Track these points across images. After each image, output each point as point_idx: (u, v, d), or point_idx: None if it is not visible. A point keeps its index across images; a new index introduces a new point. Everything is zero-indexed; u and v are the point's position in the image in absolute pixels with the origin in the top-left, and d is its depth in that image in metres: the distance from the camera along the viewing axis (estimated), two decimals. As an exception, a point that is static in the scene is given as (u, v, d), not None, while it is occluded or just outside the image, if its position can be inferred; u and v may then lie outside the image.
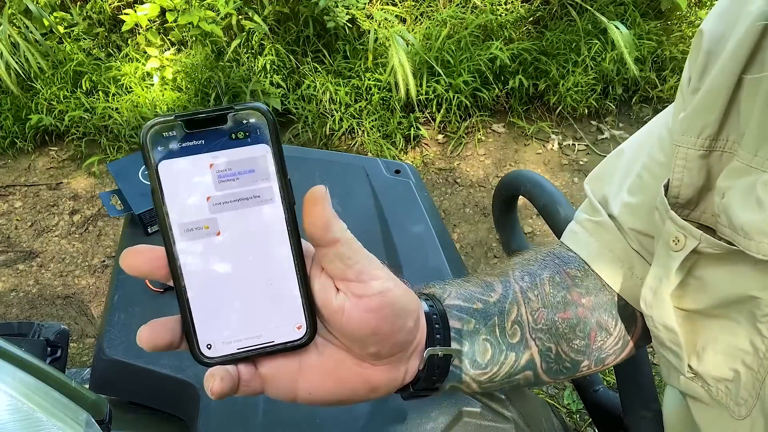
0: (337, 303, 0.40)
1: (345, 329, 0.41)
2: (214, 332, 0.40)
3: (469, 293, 0.52)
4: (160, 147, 0.38)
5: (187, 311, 0.39)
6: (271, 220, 0.39)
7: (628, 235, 0.55)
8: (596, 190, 0.60)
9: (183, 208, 0.38)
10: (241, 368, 0.40)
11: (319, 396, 0.43)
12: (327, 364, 0.42)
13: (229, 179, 0.38)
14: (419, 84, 2.68)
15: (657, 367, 0.59)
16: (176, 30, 2.91)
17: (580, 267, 0.57)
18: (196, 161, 0.38)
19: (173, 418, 0.85)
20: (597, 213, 0.58)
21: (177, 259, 0.39)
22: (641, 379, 0.78)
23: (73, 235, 2.61)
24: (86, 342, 2.22)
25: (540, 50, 2.80)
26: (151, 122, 0.38)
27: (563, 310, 0.53)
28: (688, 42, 2.85)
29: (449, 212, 2.58)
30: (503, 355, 0.51)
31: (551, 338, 0.53)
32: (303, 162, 1.06)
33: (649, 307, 0.49)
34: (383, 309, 0.40)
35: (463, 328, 0.49)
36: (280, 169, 0.39)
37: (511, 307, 0.52)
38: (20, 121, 2.88)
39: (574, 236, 0.60)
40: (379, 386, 0.44)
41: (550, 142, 2.80)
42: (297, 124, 2.79)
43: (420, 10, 3.00)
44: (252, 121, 0.38)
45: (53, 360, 0.80)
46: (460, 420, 0.76)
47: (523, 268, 0.56)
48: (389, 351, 0.43)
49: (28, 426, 0.48)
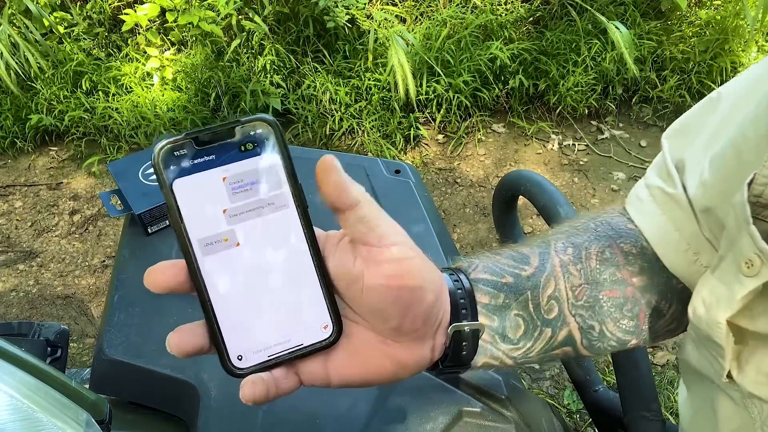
0: (356, 271, 0.40)
1: (364, 300, 0.41)
2: (243, 343, 0.40)
3: (499, 267, 0.49)
4: (173, 166, 0.38)
5: (215, 325, 0.40)
6: (287, 225, 0.40)
7: (699, 219, 0.48)
8: (675, 150, 0.51)
9: (201, 223, 0.39)
10: (275, 371, 0.41)
11: (348, 377, 0.43)
12: (352, 344, 0.43)
13: (242, 190, 0.39)
14: (419, 84, 2.68)
15: (657, 367, 0.58)
16: (176, 30, 2.91)
17: (636, 243, 0.50)
18: (209, 176, 0.39)
19: (173, 418, 0.85)
20: (671, 181, 0.50)
21: (200, 275, 0.39)
22: (641, 379, 0.78)
23: (73, 235, 2.61)
24: (86, 342, 2.22)
25: (540, 50, 2.81)
26: (161, 143, 0.38)
27: (610, 288, 0.49)
28: (688, 42, 2.86)
29: (449, 212, 2.58)
30: (538, 330, 0.48)
31: (594, 316, 0.49)
32: (303, 162, 1.06)
33: (697, 319, 0.43)
34: (402, 276, 0.40)
35: (490, 303, 0.47)
36: (290, 174, 0.40)
37: (548, 282, 0.49)
38: (20, 121, 2.88)
39: (639, 205, 0.52)
40: (407, 364, 0.44)
41: (550, 142, 2.80)
42: (297, 124, 2.79)
43: (420, 10, 3.00)
44: (259, 131, 0.39)
45: (53, 360, 0.80)
46: (460, 420, 0.76)
47: (569, 238, 0.51)
48: (410, 325, 0.42)
49: (28, 426, 0.48)
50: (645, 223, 0.51)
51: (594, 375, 0.96)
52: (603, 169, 2.69)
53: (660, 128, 2.84)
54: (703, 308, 0.42)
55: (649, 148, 2.77)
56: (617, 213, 0.54)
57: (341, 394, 0.78)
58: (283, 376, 0.41)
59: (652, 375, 0.78)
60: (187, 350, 0.40)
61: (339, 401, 0.78)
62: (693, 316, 0.43)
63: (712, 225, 0.47)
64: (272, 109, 2.75)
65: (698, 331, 0.44)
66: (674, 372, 1.98)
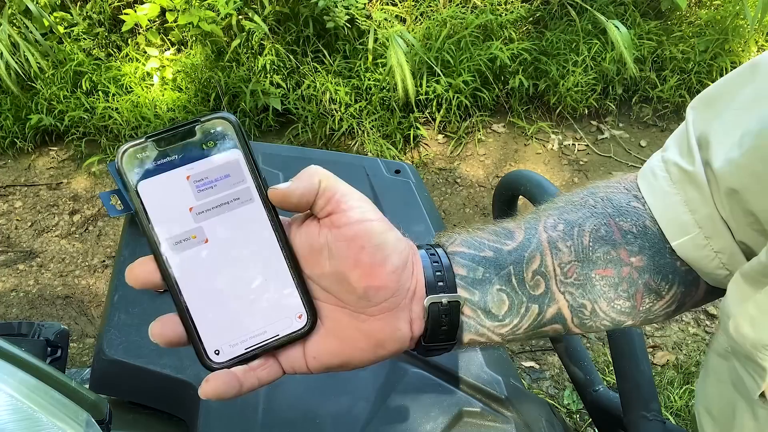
0: (321, 241, 0.41)
1: (331, 269, 0.41)
2: (219, 337, 0.41)
3: (479, 241, 0.48)
4: (137, 169, 0.39)
5: (190, 322, 0.40)
6: (253, 218, 0.41)
7: (720, 197, 0.44)
8: (699, 122, 0.46)
9: (168, 222, 0.40)
10: (253, 362, 0.42)
11: (326, 361, 0.43)
12: (324, 326, 0.43)
13: (207, 187, 0.40)
14: (419, 84, 2.68)
15: (657, 367, 0.58)
16: (176, 30, 2.91)
17: (638, 221, 0.47)
18: (173, 176, 0.39)
19: (173, 418, 0.85)
20: (690, 157, 0.46)
21: (171, 273, 0.40)
22: (641, 379, 0.78)
23: (73, 235, 2.61)
24: (86, 342, 2.22)
25: (540, 50, 2.80)
26: (123, 147, 0.39)
27: (603, 267, 0.47)
28: (688, 42, 2.86)
29: (449, 212, 2.58)
30: (524, 307, 0.47)
31: (585, 294, 0.47)
32: (303, 162, 1.06)
33: (740, 338, 0.40)
34: (362, 237, 0.41)
35: (468, 275, 0.46)
36: (253, 169, 0.41)
37: (532, 257, 0.47)
38: (20, 121, 2.87)
39: (653, 180, 0.48)
40: (383, 339, 0.43)
41: (550, 142, 2.80)
42: (297, 124, 2.79)
43: (420, 10, 2.99)
44: (219, 129, 0.40)
45: (53, 360, 0.80)
46: (460, 420, 0.76)
47: (562, 215, 0.49)
48: (378, 294, 0.42)
49: (28, 426, 0.48)
50: (655, 201, 0.48)
51: (594, 375, 0.96)
52: (603, 169, 2.69)
53: (660, 128, 2.84)
54: (750, 328, 0.39)
55: (649, 148, 2.77)
56: (622, 188, 0.51)
57: (341, 393, 0.78)
58: (262, 367, 0.42)
59: (652, 375, 0.78)
60: (170, 339, 0.41)
61: (339, 401, 0.78)
62: (736, 334, 0.40)
63: (735, 208, 0.43)
64: (272, 109, 2.75)
65: (737, 348, 0.41)
66: (674, 372, 1.98)
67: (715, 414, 0.50)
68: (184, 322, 0.40)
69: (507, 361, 0.87)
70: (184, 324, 0.40)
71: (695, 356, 2.04)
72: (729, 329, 0.41)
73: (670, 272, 0.48)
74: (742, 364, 0.42)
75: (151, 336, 0.40)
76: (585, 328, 0.49)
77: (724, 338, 0.44)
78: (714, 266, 0.46)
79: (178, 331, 0.41)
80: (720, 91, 0.46)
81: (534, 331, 0.48)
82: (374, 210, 0.43)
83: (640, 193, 0.49)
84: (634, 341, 0.80)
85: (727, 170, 0.42)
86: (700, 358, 2.03)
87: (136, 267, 0.40)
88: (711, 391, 0.50)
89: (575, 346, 1.00)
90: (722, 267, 0.46)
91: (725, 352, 0.45)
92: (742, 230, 0.44)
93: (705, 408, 0.51)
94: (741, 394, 0.44)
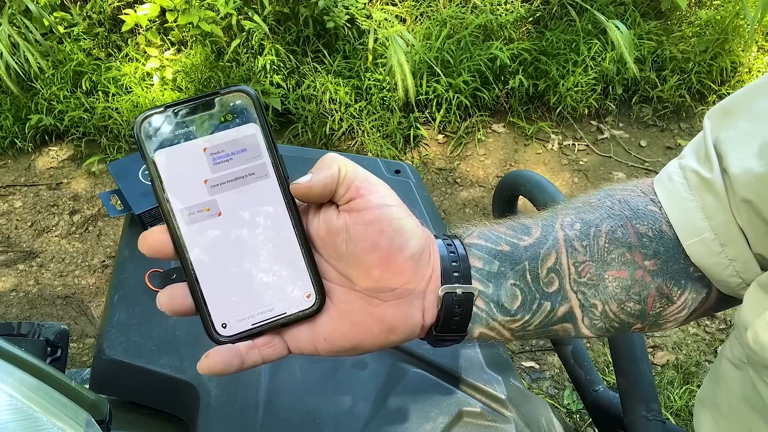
0: (339, 223, 0.41)
1: (348, 251, 0.41)
2: (227, 311, 0.41)
3: (496, 234, 0.48)
4: (154, 138, 0.39)
5: (199, 293, 0.40)
6: (268, 194, 0.41)
7: (737, 206, 0.44)
8: (717, 131, 0.47)
9: (183, 193, 0.39)
10: (259, 339, 0.42)
11: (336, 343, 0.43)
12: (338, 307, 0.43)
13: (223, 161, 0.40)
14: (419, 84, 2.68)
15: (657, 367, 0.58)
16: (176, 30, 2.91)
17: (654, 225, 0.48)
18: (190, 147, 0.39)
19: (173, 418, 0.85)
20: (708, 164, 0.46)
21: (183, 244, 0.40)
22: (641, 379, 0.78)
23: (73, 235, 2.61)
24: (86, 342, 2.22)
25: (540, 50, 2.80)
26: (142, 115, 0.39)
27: (617, 269, 0.47)
28: (688, 42, 2.86)
29: (449, 212, 2.58)
30: (536, 303, 0.47)
31: (597, 295, 0.47)
32: (303, 162, 1.06)
33: (760, 348, 0.40)
34: (381, 221, 0.41)
35: (484, 268, 0.46)
36: (270, 145, 0.41)
37: (548, 254, 0.47)
38: (20, 121, 2.87)
39: (670, 185, 0.48)
40: (395, 326, 0.43)
41: (550, 142, 2.80)
42: (297, 124, 2.79)
43: (420, 10, 3.00)
44: (238, 102, 0.40)
45: (53, 360, 0.80)
46: (460, 420, 0.76)
47: (579, 214, 0.49)
48: (393, 279, 0.42)
49: (28, 426, 0.48)
50: (672, 206, 0.48)
51: (594, 375, 0.96)
52: (603, 169, 2.69)
53: (660, 128, 2.85)
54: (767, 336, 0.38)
55: (648, 148, 2.77)
56: (639, 192, 0.51)
57: (341, 393, 0.78)
58: (267, 344, 0.42)
59: (652, 375, 0.78)
60: (177, 309, 0.40)
61: (339, 401, 0.78)
62: (755, 344, 0.40)
63: (753, 217, 0.43)
64: (272, 109, 2.75)
65: (755, 357, 0.41)
66: (674, 372, 1.98)
67: (722, 423, 0.50)
68: (193, 293, 0.40)
69: (507, 361, 0.87)
70: (192, 295, 0.40)
71: (695, 356, 2.04)
72: (747, 339, 0.40)
73: (683, 278, 0.48)
74: (759, 374, 0.42)
75: (158, 304, 0.40)
76: (595, 330, 0.49)
77: (739, 348, 0.44)
78: (727, 274, 0.46)
79: (186, 302, 0.41)
80: (737, 102, 0.47)
81: (544, 329, 0.48)
82: (393, 195, 0.43)
83: (656, 197, 0.49)
84: (634, 341, 0.80)
85: (744, 179, 0.42)
86: (700, 358, 2.03)
87: (149, 236, 0.40)
88: (721, 401, 0.50)
89: (575, 346, 1.00)
90: (736, 275, 0.46)
91: (740, 362, 0.45)
92: (758, 240, 0.44)
93: (712, 416, 0.51)
94: (754, 406, 0.44)
